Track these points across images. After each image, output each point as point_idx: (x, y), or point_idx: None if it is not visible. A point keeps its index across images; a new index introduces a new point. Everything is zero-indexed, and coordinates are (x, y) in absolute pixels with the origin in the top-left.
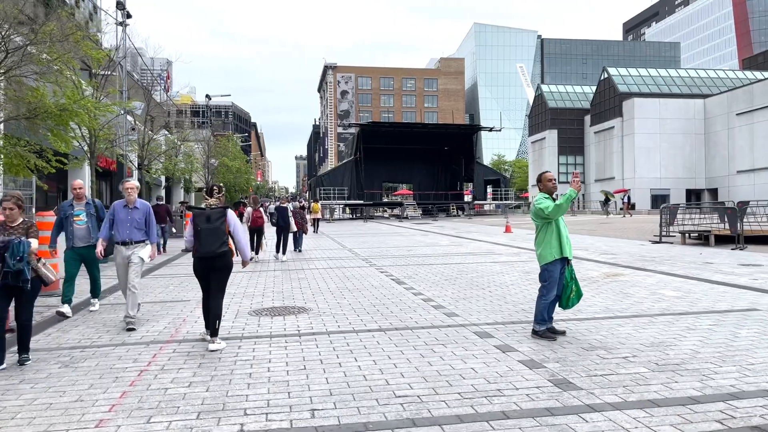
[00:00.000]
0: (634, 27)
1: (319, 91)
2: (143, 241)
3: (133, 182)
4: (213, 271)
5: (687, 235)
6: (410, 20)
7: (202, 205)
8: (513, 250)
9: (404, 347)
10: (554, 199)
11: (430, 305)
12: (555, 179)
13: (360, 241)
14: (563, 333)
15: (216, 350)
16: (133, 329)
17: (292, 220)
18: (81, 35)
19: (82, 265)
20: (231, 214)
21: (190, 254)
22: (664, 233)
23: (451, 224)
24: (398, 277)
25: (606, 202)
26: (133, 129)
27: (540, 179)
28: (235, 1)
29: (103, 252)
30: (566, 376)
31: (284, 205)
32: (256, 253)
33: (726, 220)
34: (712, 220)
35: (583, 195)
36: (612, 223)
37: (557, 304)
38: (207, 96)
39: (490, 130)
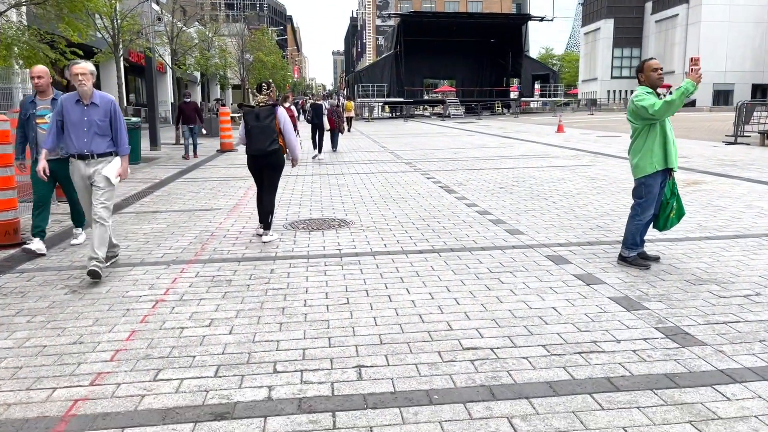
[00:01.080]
0: None
1: None
2: (110, 153)
3: (84, 66)
4: (265, 168)
5: (767, 135)
6: None
7: (252, 103)
8: (570, 153)
9: (465, 275)
10: (659, 95)
11: (487, 219)
12: (661, 69)
13: (401, 142)
14: (657, 259)
15: (269, 242)
16: (96, 274)
17: (325, 119)
18: None
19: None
20: (281, 111)
21: (227, 154)
22: (739, 133)
23: (497, 123)
24: (447, 183)
25: None
26: (159, 19)
27: (641, 69)
28: None
29: (47, 170)
30: (678, 323)
31: (318, 102)
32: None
33: None
34: None
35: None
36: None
37: (650, 225)
38: None
39: (542, 19)
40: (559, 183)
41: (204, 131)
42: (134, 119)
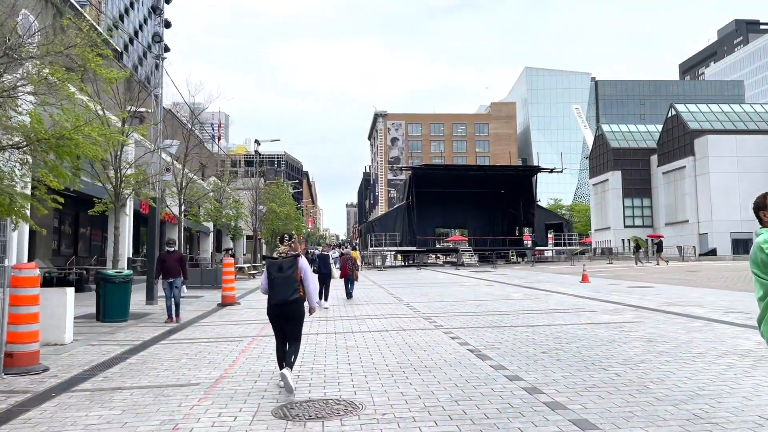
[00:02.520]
0: (691, 67)
1: (369, 138)
2: None
3: None
4: (286, 319)
5: None
6: (457, 69)
7: (274, 254)
8: (607, 306)
9: None
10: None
11: (541, 402)
12: None
13: (417, 293)
14: None
15: (288, 378)
16: None
17: (334, 267)
18: (87, 47)
19: None
20: (302, 261)
21: (227, 309)
22: None
23: (514, 272)
24: (476, 345)
25: (637, 249)
26: (168, 170)
27: (763, 205)
28: (286, 55)
29: None
30: None
31: (325, 252)
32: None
33: None
34: None
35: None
36: (698, 270)
37: None
38: (256, 141)
39: (551, 171)
40: (611, 346)
41: (185, 290)
42: (125, 272)
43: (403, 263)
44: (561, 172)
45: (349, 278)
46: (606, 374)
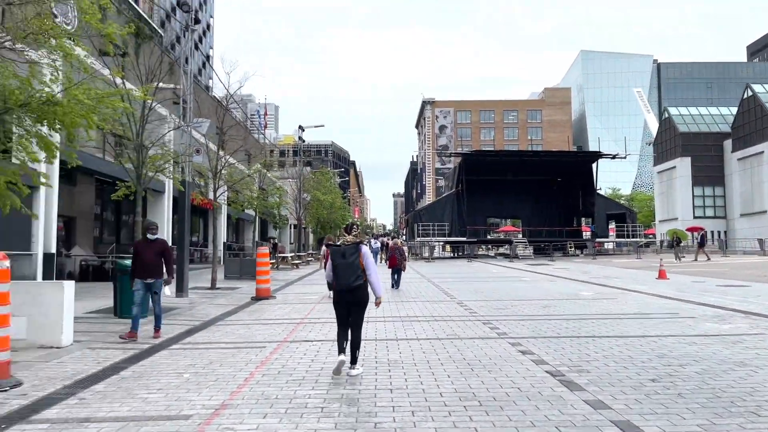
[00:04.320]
0: (760, 49)
1: (417, 127)
2: None
3: None
4: (350, 305)
5: None
6: (508, 56)
7: (338, 242)
8: (706, 311)
9: None
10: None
11: None
12: None
13: (470, 288)
14: None
15: (356, 375)
16: None
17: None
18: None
19: None
20: (364, 249)
21: (260, 303)
22: None
23: (576, 266)
24: (556, 365)
25: (677, 243)
26: (198, 152)
27: None
28: (335, 44)
29: None
30: None
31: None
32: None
33: None
34: None
35: (725, 232)
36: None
37: None
38: (300, 127)
39: (613, 157)
40: (744, 372)
41: (168, 291)
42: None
43: (452, 254)
44: (624, 158)
45: (397, 268)
46: (757, 426)
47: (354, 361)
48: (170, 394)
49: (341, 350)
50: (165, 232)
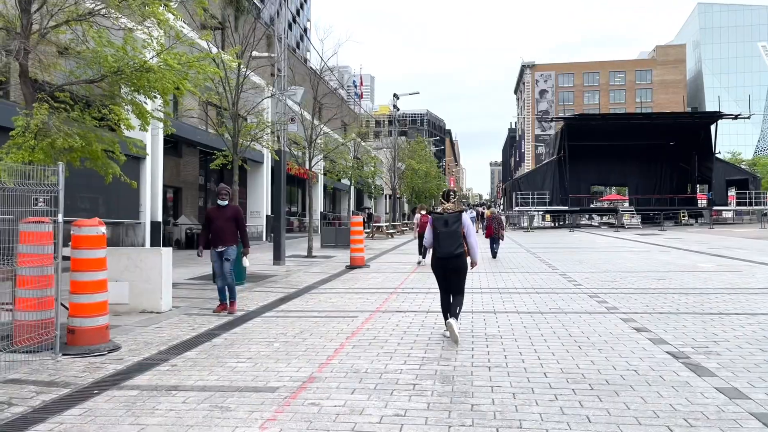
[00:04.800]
0: None
1: (515, 92)
2: None
3: None
4: (450, 271)
5: None
6: (614, 14)
7: (439, 209)
8: None
9: None
10: None
11: None
12: None
13: (573, 259)
14: None
15: (454, 328)
16: None
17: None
18: None
19: None
20: (465, 217)
21: (354, 272)
22: None
23: (690, 236)
24: (679, 346)
25: None
26: (292, 120)
27: None
28: (427, 12)
29: None
30: None
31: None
32: (423, 257)
33: None
34: None
35: None
36: None
37: None
38: (395, 95)
39: (735, 117)
40: None
41: (247, 262)
42: None
43: (552, 224)
44: (748, 118)
45: (495, 237)
46: None
47: (455, 315)
48: (259, 363)
49: (446, 316)
50: (264, 202)
